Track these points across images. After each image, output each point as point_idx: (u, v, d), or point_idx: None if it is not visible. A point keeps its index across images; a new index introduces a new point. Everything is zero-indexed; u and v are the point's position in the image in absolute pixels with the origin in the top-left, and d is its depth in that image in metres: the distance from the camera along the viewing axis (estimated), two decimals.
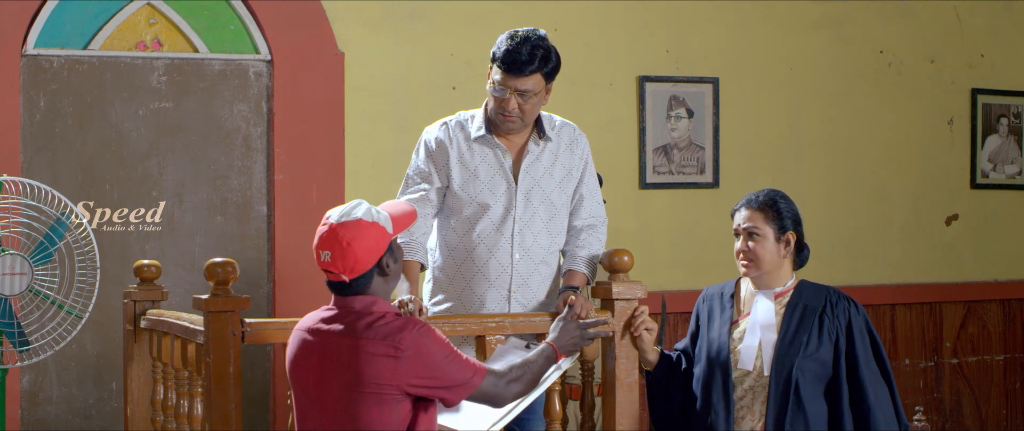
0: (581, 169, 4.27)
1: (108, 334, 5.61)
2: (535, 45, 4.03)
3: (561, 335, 3.71)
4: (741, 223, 3.97)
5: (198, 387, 4.02)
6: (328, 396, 3.31)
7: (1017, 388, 7.34)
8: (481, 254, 4.13)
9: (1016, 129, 7.32)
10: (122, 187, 5.75)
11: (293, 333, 3.45)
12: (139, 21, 5.78)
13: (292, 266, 5.84)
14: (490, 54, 4.11)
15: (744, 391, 3.94)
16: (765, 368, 3.90)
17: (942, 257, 7.14)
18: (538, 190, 4.17)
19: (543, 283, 4.22)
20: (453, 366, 3.33)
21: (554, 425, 4.11)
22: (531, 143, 4.19)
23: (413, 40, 6.08)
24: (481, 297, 4.14)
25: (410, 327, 3.29)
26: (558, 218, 4.22)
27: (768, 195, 4.00)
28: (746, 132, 6.70)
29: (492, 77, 4.08)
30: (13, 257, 4.72)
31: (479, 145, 4.17)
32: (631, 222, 6.43)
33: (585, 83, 6.39)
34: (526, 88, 4.05)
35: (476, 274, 4.14)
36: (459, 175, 4.14)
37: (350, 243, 3.28)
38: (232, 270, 3.79)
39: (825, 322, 3.90)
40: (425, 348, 3.28)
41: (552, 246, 4.22)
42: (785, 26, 6.78)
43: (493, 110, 4.11)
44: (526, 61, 4.02)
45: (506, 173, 4.16)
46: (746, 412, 3.94)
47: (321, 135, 5.93)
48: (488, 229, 4.13)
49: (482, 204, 4.13)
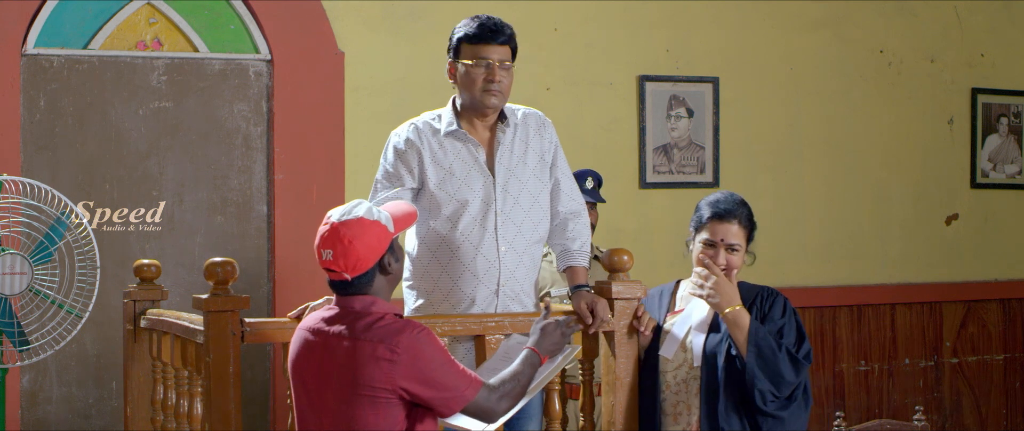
0: (552, 152, 4.27)
1: (108, 334, 5.61)
2: (497, 19, 4.13)
3: (543, 339, 3.64)
4: (727, 239, 3.98)
5: (198, 387, 4.02)
6: (327, 397, 3.31)
7: (1017, 388, 7.34)
8: (467, 251, 4.11)
9: (1016, 129, 7.32)
10: (122, 187, 5.75)
11: (296, 332, 3.45)
12: (139, 21, 5.78)
13: (292, 266, 5.84)
14: (453, 40, 4.13)
15: (679, 385, 4.00)
16: (695, 360, 3.98)
17: (942, 257, 7.14)
18: (515, 180, 4.16)
19: (528, 275, 4.22)
20: (447, 374, 3.29)
21: (554, 425, 4.10)
22: (500, 133, 4.18)
23: (413, 40, 6.08)
24: (471, 295, 4.12)
25: (408, 330, 3.27)
26: (538, 205, 4.20)
27: (747, 208, 4.04)
28: (746, 132, 6.70)
29: (465, 58, 4.09)
30: (13, 256, 4.72)
31: (450, 141, 4.14)
32: (631, 222, 6.43)
33: (585, 83, 6.40)
34: (504, 58, 4.10)
35: (464, 272, 4.12)
36: (435, 174, 4.12)
37: (352, 241, 3.28)
38: (232, 270, 3.79)
39: (754, 316, 3.97)
40: (421, 353, 3.26)
41: (534, 235, 4.21)
42: (785, 26, 6.78)
43: (476, 91, 4.08)
44: (499, 29, 4.09)
45: (481, 167, 4.13)
46: (683, 407, 3.98)
47: (321, 135, 5.93)
48: (471, 226, 4.11)
49: (461, 201, 4.10)
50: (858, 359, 6.94)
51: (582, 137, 6.37)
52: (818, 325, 6.84)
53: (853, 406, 6.89)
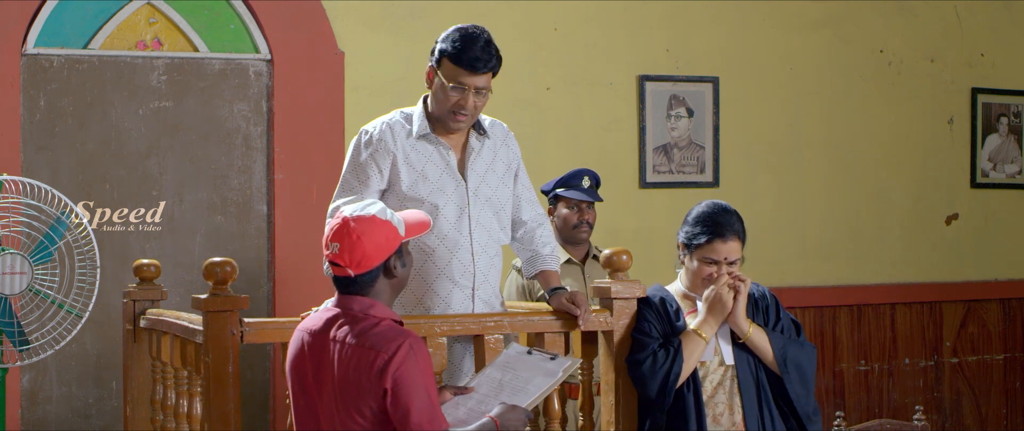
0: (517, 164, 4.28)
1: (108, 334, 5.61)
2: (488, 42, 4.02)
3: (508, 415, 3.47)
4: (728, 256, 4.00)
5: (197, 387, 4.02)
6: (323, 398, 3.30)
7: (1017, 388, 7.34)
8: (442, 255, 4.08)
9: (1016, 128, 7.32)
10: (122, 187, 5.75)
11: (295, 332, 3.45)
12: (139, 20, 5.78)
13: (292, 266, 5.84)
14: (437, 50, 4.04)
15: (714, 388, 3.99)
16: (727, 358, 3.98)
17: (942, 257, 7.14)
18: (485, 186, 4.15)
19: (497, 278, 4.23)
20: (420, 401, 3.20)
21: (554, 425, 4.10)
22: (473, 140, 4.16)
23: (413, 39, 6.08)
24: (445, 298, 4.10)
25: (402, 340, 3.23)
26: (503, 213, 4.21)
27: (740, 220, 4.05)
28: (746, 131, 6.70)
29: (444, 75, 4.02)
30: (13, 256, 4.72)
31: (423, 144, 4.11)
32: (631, 222, 6.43)
33: (585, 83, 6.40)
34: (482, 85, 4.03)
35: (439, 276, 4.09)
36: (407, 176, 4.08)
37: (360, 237, 3.27)
38: (231, 270, 3.79)
39: (759, 307, 4.04)
40: (408, 369, 3.20)
41: (500, 240, 4.22)
42: (785, 26, 6.78)
43: (445, 109, 4.04)
44: (486, 60, 4.00)
45: (453, 172, 4.11)
46: (723, 408, 3.98)
47: (321, 135, 5.93)
48: (446, 229, 4.08)
49: (434, 204, 4.07)
50: (858, 359, 6.94)
51: (582, 137, 6.37)
52: (818, 325, 6.84)
53: (853, 406, 6.89)
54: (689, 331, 3.99)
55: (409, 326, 3.98)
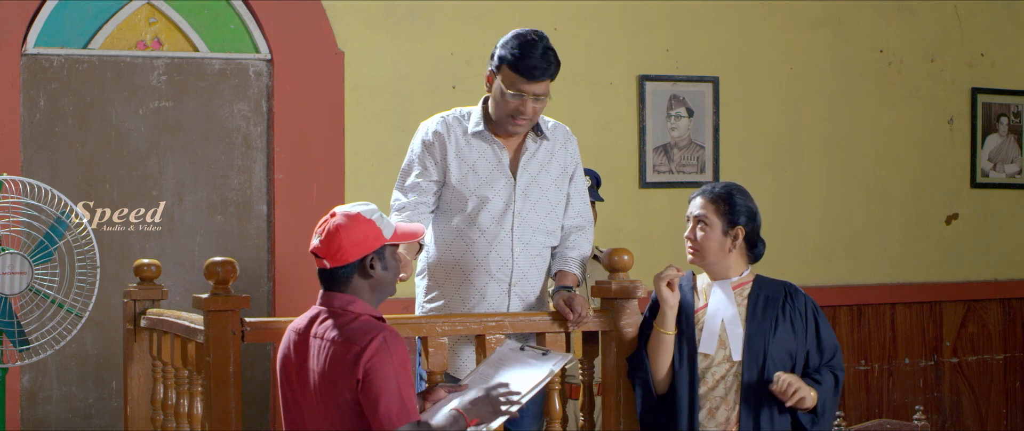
0: (573, 168, 4.32)
1: (108, 333, 5.61)
2: (547, 48, 4.07)
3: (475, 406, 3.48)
4: (693, 211, 4.05)
5: (198, 386, 4.02)
6: (306, 394, 3.34)
7: (1017, 388, 7.34)
8: (481, 248, 4.15)
9: (1016, 128, 7.32)
10: (122, 187, 5.75)
11: (285, 331, 3.48)
12: (139, 20, 5.78)
13: (292, 265, 5.84)
14: (496, 56, 4.10)
15: (716, 381, 3.98)
16: (734, 354, 3.96)
17: (942, 256, 7.14)
18: (535, 187, 4.20)
19: (539, 277, 4.27)
20: (389, 392, 3.21)
21: (554, 424, 4.10)
22: (529, 141, 4.23)
23: (413, 39, 6.08)
24: (481, 290, 4.16)
25: (376, 333, 3.25)
26: (553, 216, 4.25)
27: (725, 187, 4.08)
28: (746, 131, 6.70)
29: (503, 82, 4.08)
30: (13, 256, 4.72)
31: (477, 141, 4.19)
32: (631, 221, 6.43)
33: (585, 83, 6.40)
34: (541, 92, 4.09)
35: (476, 267, 4.16)
36: (457, 169, 4.16)
37: (338, 229, 3.33)
38: (232, 269, 3.79)
39: (787, 311, 4.00)
40: (377, 360, 3.22)
41: (547, 241, 4.26)
42: (785, 26, 6.79)
43: (504, 114, 4.11)
44: (545, 67, 4.05)
45: (504, 169, 4.18)
46: (720, 402, 3.97)
47: (321, 134, 5.93)
48: (488, 223, 4.15)
49: (481, 198, 4.15)
50: (858, 359, 6.94)
51: (582, 137, 6.30)
52: None
53: (853, 406, 6.89)
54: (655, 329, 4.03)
55: (411, 326, 4.01)
